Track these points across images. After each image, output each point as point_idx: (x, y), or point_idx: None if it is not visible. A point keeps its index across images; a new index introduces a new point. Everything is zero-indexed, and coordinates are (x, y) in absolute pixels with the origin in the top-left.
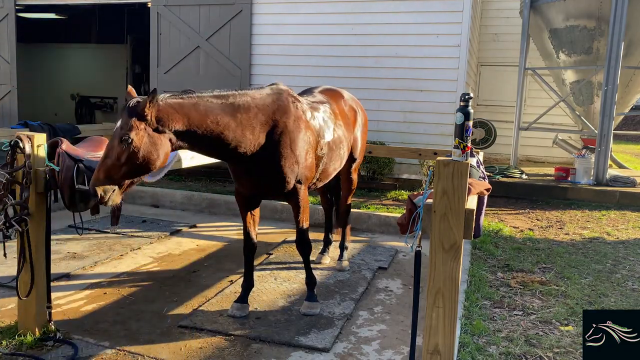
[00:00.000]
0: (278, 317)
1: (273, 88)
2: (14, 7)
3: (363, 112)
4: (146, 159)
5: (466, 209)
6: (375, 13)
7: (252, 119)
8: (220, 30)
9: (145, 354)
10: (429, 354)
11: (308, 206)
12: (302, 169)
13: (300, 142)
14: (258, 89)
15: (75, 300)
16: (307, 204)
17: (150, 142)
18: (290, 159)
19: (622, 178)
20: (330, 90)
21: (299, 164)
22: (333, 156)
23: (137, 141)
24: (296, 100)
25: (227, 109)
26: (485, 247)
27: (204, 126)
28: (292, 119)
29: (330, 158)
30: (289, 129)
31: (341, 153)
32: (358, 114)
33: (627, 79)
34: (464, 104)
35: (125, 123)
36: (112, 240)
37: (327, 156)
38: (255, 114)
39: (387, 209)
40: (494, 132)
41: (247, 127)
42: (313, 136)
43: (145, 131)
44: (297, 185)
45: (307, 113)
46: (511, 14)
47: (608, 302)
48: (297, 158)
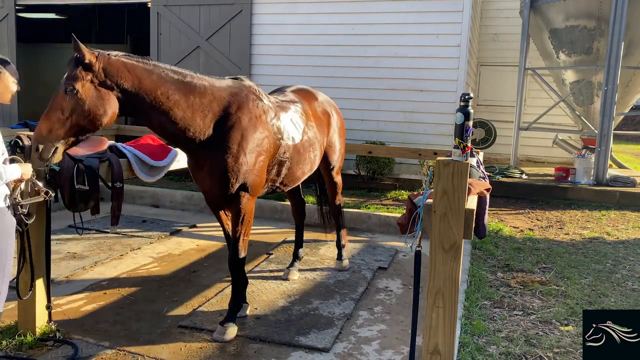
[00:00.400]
0: (278, 317)
1: (235, 81)
2: (14, 7)
3: (339, 116)
4: (92, 113)
5: (466, 209)
6: (375, 13)
7: (205, 105)
8: (220, 30)
9: (145, 354)
10: (429, 354)
11: (251, 220)
12: (249, 173)
13: (251, 143)
14: (220, 78)
15: (75, 300)
16: (250, 216)
17: (97, 95)
18: (236, 159)
19: (622, 178)
20: (303, 90)
21: (246, 166)
22: (301, 159)
23: (83, 92)
24: (258, 98)
25: (181, 86)
26: (485, 247)
27: (153, 95)
28: (247, 116)
29: (298, 161)
30: (241, 126)
31: (311, 156)
32: (332, 117)
33: (627, 79)
34: (464, 104)
35: (71, 73)
36: (112, 240)
37: (293, 159)
38: (209, 101)
39: (387, 209)
40: (494, 132)
41: (198, 111)
42: (271, 139)
43: (92, 83)
44: (241, 192)
45: (269, 113)
46: (511, 14)
47: (608, 302)
48: (245, 159)
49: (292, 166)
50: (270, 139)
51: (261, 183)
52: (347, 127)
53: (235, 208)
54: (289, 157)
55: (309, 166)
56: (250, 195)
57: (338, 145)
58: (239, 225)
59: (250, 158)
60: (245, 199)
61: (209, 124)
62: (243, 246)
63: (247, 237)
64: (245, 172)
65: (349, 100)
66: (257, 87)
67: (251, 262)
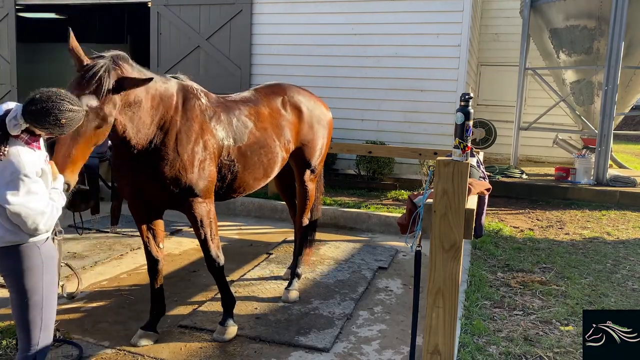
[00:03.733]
0: (278, 317)
1: (175, 81)
2: (14, 7)
3: (321, 112)
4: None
5: (466, 208)
6: (375, 13)
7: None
8: (220, 30)
9: (145, 353)
10: (429, 354)
11: (213, 221)
12: (195, 177)
13: (190, 145)
14: (164, 77)
15: (75, 300)
16: (209, 217)
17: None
18: (175, 164)
19: (623, 178)
20: (272, 86)
21: (187, 171)
22: (249, 163)
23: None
24: (196, 97)
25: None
26: (485, 247)
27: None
28: (182, 117)
29: (246, 165)
30: (177, 127)
31: (264, 160)
32: (303, 112)
33: (627, 79)
34: (464, 103)
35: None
36: (112, 240)
37: (240, 163)
38: (157, 104)
39: (387, 209)
40: (494, 132)
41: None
42: (212, 140)
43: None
44: (190, 198)
45: (207, 112)
46: (511, 13)
47: (608, 302)
48: (185, 164)
49: (240, 170)
50: (212, 140)
51: (210, 186)
52: (347, 127)
53: (189, 215)
54: (233, 161)
55: (262, 171)
56: (202, 198)
57: (318, 142)
58: (200, 229)
59: (188, 162)
60: (195, 203)
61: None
62: (214, 246)
63: (215, 237)
64: (187, 177)
65: (349, 100)
66: (197, 86)
67: (251, 262)
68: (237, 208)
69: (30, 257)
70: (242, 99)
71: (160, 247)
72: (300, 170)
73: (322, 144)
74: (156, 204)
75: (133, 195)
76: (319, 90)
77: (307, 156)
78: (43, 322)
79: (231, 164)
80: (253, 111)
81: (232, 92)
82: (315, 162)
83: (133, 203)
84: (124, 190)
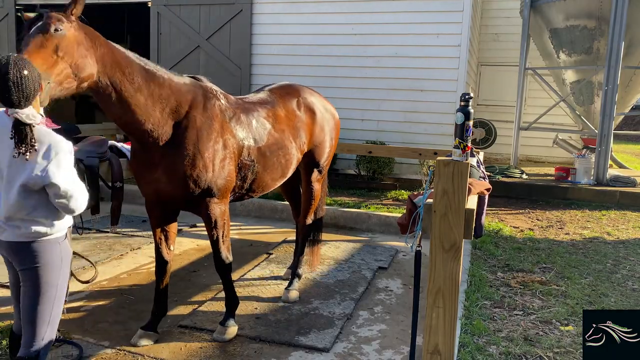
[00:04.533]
0: (278, 317)
1: (193, 80)
2: (14, 7)
3: (330, 114)
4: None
5: (466, 208)
6: (375, 13)
7: (163, 97)
8: (220, 30)
9: (145, 353)
10: (429, 354)
11: (227, 222)
12: (214, 176)
13: (211, 143)
14: (177, 74)
15: (75, 300)
16: (224, 219)
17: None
18: (195, 161)
19: (623, 178)
20: (285, 87)
21: (207, 169)
22: (268, 164)
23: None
24: (215, 97)
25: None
26: (486, 247)
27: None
28: (202, 115)
29: (265, 166)
30: (197, 125)
31: (282, 161)
32: (317, 114)
33: (627, 79)
34: (464, 103)
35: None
36: (112, 240)
37: (260, 163)
38: (167, 95)
39: (387, 209)
40: (494, 132)
41: (157, 102)
42: (233, 140)
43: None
44: (207, 198)
45: (227, 112)
46: (511, 13)
47: (608, 302)
48: (205, 162)
49: (260, 170)
50: (233, 140)
51: (230, 185)
52: (348, 127)
53: (204, 215)
54: (254, 161)
55: (280, 172)
56: (218, 199)
57: (327, 144)
58: (213, 230)
59: (209, 159)
60: (213, 204)
61: (166, 119)
62: (225, 247)
63: (227, 238)
64: (209, 176)
65: (349, 100)
66: (217, 88)
67: (251, 262)
68: (237, 208)
69: (52, 252)
70: (260, 101)
71: (170, 249)
72: (308, 171)
73: (330, 145)
74: (173, 203)
75: (151, 195)
76: (319, 90)
77: (317, 157)
78: (51, 317)
79: (252, 164)
80: (271, 113)
81: (232, 92)
82: (324, 163)
83: (150, 204)
84: (142, 190)
